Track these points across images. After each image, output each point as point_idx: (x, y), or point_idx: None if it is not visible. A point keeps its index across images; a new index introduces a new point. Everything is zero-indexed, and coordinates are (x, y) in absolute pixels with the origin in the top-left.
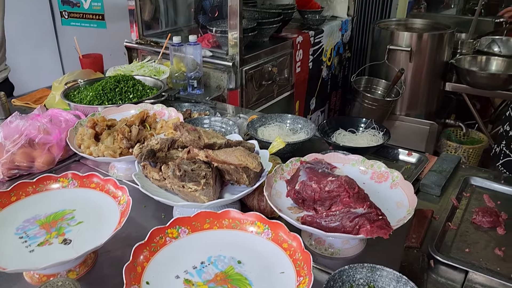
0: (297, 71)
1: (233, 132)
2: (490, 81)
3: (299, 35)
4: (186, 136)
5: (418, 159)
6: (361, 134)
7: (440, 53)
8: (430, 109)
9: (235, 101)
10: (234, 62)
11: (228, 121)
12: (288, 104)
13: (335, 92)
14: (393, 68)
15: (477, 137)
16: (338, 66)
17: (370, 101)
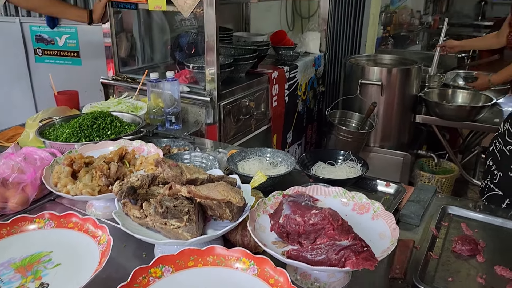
0: (273, 105)
1: (214, 167)
2: (457, 112)
3: (275, 71)
4: (168, 172)
5: (396, 190)
6: (340, 166)
7: (409, 87)
8: (402, 140)
9: (213, 136)
10: (212, 97)
11: (208, 156)
12: (266, 137)
13: (311, 125)
14: (366, 101)
15: (448, 167)
16: (313, 100)
17: (345, 134)
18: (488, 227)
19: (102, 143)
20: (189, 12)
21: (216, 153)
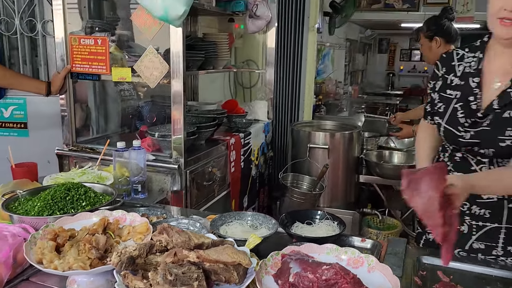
0: (232, 171)
1: (201, 233)
2: (395, 172)
3: (232, 137)
4: (178, 238)
5: (372, 245)
6: (318, 225)
7: (352, 149)
8: (349, 200)
9: (179, 203)
10: (179, 164)
11: (195, 222)
12: (225, 202)
13: (263, 189)
14: (315, 164)
15: (391, 223)
16: (264, 165)
17: (299, 196)
18: (460, 273)
19: (80, 215)
20: (155, 83)
21: (197, 219)
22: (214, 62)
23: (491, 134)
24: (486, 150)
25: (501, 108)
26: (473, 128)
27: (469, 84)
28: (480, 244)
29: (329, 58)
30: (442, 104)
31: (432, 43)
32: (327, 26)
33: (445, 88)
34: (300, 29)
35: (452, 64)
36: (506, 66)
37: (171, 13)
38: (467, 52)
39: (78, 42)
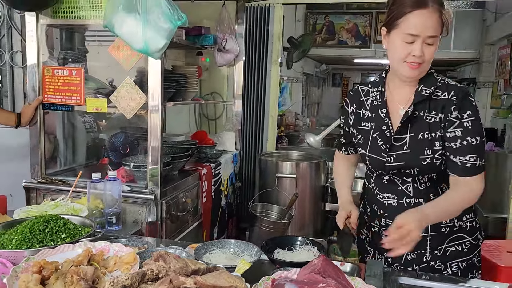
0: (204, 201)
1: None
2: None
3: (203, 168)
4: (175, 264)
5: (351, 268)
6: (299, 251)
7: (318, 178)
8: (316, 227)
9: (154, 234)
10: (155, 195)
11: (181, 252)
12: (197, 233)
13: (231, 220)
14: (283, 193)
15: (356, 249)
16: (233, 195)
17: (268, 225)
18: None
19: (61, 247)
20: (132, 114)
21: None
22: (184, 94)
23: (412, 155)
24: (411, 169)
25: (413, 131)
26: (394, 152)
27: (379, 115)
28: (413, 255)
29: (287, 91)
30: (361, 135)
31: None
32: (285, 61)
33: (359, 122)
34: (264, 63)
35: (361, 99)
36: (407, 95)
37: (151, 46)
38: (370, 88)
39: (51, 73)
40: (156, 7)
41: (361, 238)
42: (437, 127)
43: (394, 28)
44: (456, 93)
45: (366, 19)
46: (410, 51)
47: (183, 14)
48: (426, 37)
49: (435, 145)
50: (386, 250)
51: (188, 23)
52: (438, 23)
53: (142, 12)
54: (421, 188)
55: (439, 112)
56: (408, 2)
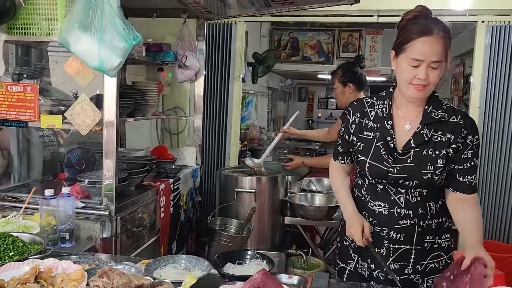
0: (161, 217)
1: None
2: (317, 213)
3: (162, 183)
4: (119, 280)
5: (298, 281)
6: (248, 265)
7: (277, 193)
8: (275, 241)
9: (108, 250)
10: (109, 211)
11: (130, 267)
12: (155, 249)
13: (191, 234)
14: (242, 208)
15: (315, 262)
16: (192, 210)
17: (227, 239)
18: None
19: (8, 265)
20: (87, 130)
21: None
22: (143, 109)
23: (415, 169)
24: (410, 182)
25: (417, 146)
26: (397, 164)
27: (385, 126)
28: (396, 265)
29: (252, 105)
30: (362, 143)
31: (345, 88)
32: (250, 75)
33: (361, 130)
34: (226, 79)
35: (365, 110)
36: (414, 113)
37: (107, 64)
38: (375, 100)
39: (5, 88)
40: (111, 26)
41: (344, 244)
42: (443, 146)
43: (402, 52)
44: (463, 118)
45: (329, 36)
46: (415, 74)
47: (138, 33)
48: (430, 62)
49: (438, 162)
50: (368, 257)
51: (143, 42)
52: (442, 49)
53: (97, 31)
54: (412, 201)
55: (447, 133)
56: (415, 29)
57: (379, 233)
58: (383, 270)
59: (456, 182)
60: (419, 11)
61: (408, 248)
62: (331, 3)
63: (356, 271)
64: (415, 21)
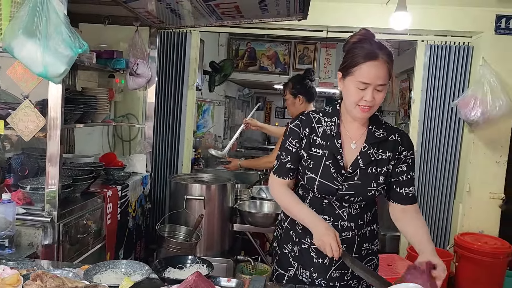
0: (108, 223)
1: None
2: (265, 220)
3: (109, 190)
4: (52, 283)
5: (236, 283)
6: (188, 269)
7: (226, 200)
8: (224, 248)
9: (50, 257)
10: (52, 217)
11: (68, 272)
12: (100, 255)
13: (140, 241)
14: (191, 214)
15: (263, 268)
16: (141, 217)
17: (175, 246)
18: None
19: None
20: (30, 136)
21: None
22: (93, 116)
23: (362, 186)
24: (356, 197)
25: (365, 165)
26: (346, 182)
27: (335, 144)
28: (337, 273)
29: (209, 113)
30: (311, 161)
31: (296, 99)
32: (207, 84)
33: (310, 147)
34: (180, 87)
35: (313, 126)
36: (359, 131)
37: (51, 71)
38: (322, 117)
39: None
40: (56, 34)
41: (284, 252)
42: (384, 163)
43: (349, 75)
44: (400, 135)
45: (286, 48)
46: (362, 96)
47: (84, 42)
48: (376, 85)
49: (379, 179)
50: (311, 266)
51: (95, 48)
52: (386, 72)
53: (42, 37)
54: (353, 213)
55: (387, 151)
56: (361, 53)
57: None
58: (325, 278)
59: (395, 193)
60: (363, 35)
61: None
62: (280, 18)
63: (295, 277)
64: (360, 45)
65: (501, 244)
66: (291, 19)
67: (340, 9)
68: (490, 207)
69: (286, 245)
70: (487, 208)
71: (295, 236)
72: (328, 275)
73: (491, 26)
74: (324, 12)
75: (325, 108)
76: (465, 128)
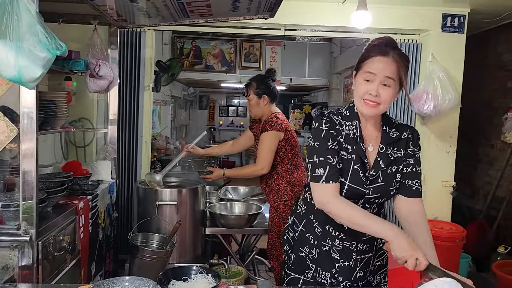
0: (81, 237)
1: None
2: (238, 221)
3: (80, 201)
4: None
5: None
6: (194, 280)
7: (198, 204)
8: (197, 253)
9: (28, 280)
10: (30, 236)
11: None
12: (75, 272)
13: (109, 253)
14: (164, 221)
15: (236, 270)
16: (110, 227)
17: (150, 255)
18: None
19: None
20: (0, 148)
21: None
22: (53, 122)
23: (385, 187)
24: (380, 199)
25: (385, 166)
26: (371, 185)
27: (361, 148)
28: (360, 273)
29: (156, 114)
30: (341, 164)
31: (260, 100)
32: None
33: (340, 149)
34: (137, 88)
35: (337, 128)
36: (373, 132)
37: (26, 75)
38: (341, 120)
39: None
40: (31, 34)
41: (300, 256)
42: (400, 161)
43: (359, 69)
44: (410, 132)
45: (231, 46)
46: (368, 89)
47: (62, 43)
48: (383, 78)
49: (397, 177)
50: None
51: (67, 52)
52: (395, 69)
53: (14, 39)
54: (373, 212)
55: (402, 149)
56: (374, 50)
57: (348, 246)
58: (350, 280)
59: (400, 185)
60: (383, 39)
61: (371, 255)
62: (248, 17)
63: (314, 279)
64: (378, 45)
65: (455, 229)
66: (258, 18)
67: (297, 7)
68: (443, 194)
69: (302, 248)
70: (440, 196)
71: (313, 239)
72: (353, 276)
73: (438, 24)
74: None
75: (342, 111)
76: (418, 121)
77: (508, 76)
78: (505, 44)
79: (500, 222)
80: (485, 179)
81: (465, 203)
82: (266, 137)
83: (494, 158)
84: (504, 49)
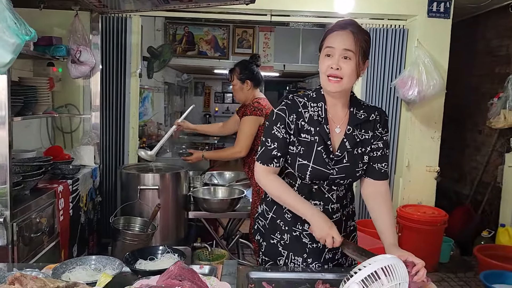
0: (61, 220)
1: None
2: (220, 205)
3: (60, 185)
4: (33, 285)
5: (209, 269)
6: (160, 259)
7: (180, 188)
8: (180, 236)
9: (3, 259)
10: (4, 217)
11: (38, 273)
12: (54, 254)
13: (92, 236)
14: (146, 205)
15: (219, 253)
16: (93, 211)
17: (131, 238)
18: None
19: None
20: None
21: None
22: (33, 107)
23: (351, 168)
24: (345, 180)
25: (351, 147)
26: (336, 165)
27: (324, 129)
28: (329, 254)
29: (148, 101)
30: (301, 147)
31: (244, 85)
32: (145, 70)
33: (300, 133)
34: (123, 74)
35: (299, 110)
36: (340, 113)
37: None
38: (307, 101)
39: None
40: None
41: (271, 243)
42: (367, 143)
43: (321, 48)
44: (379, 113)
45: (224, 32)
46: (329, 64)
47: (31, 29)
48: (342, 50)
49: (364, 158)
50: (304, 252)
51: (37, 38)
52: (353, 41)
53: None
54: (341, 195)
55: (369, 130)
56: (333, 27)
57: None
58: (320, 261)
59: (368, 168)
60: (345, 19)
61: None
62: (228, 2)
63: (286, 266)
64: (337, 23)
65: (438, 213)
66: (239, 3)
67: None
68: (427, 179)
69: (273, 235)
70: (424, 181)
71: (284, 224)
72: (322, 258)
73: (424, 9)
74: None
75: (308, 93)
76: (403, 106)
77: (496, 62)
78: (493, 30)
79: (485, 207)
80: (472, 164)
81: (453, 188)
82: (246, 121)
83: (481, 144)
84: (492, 35)
